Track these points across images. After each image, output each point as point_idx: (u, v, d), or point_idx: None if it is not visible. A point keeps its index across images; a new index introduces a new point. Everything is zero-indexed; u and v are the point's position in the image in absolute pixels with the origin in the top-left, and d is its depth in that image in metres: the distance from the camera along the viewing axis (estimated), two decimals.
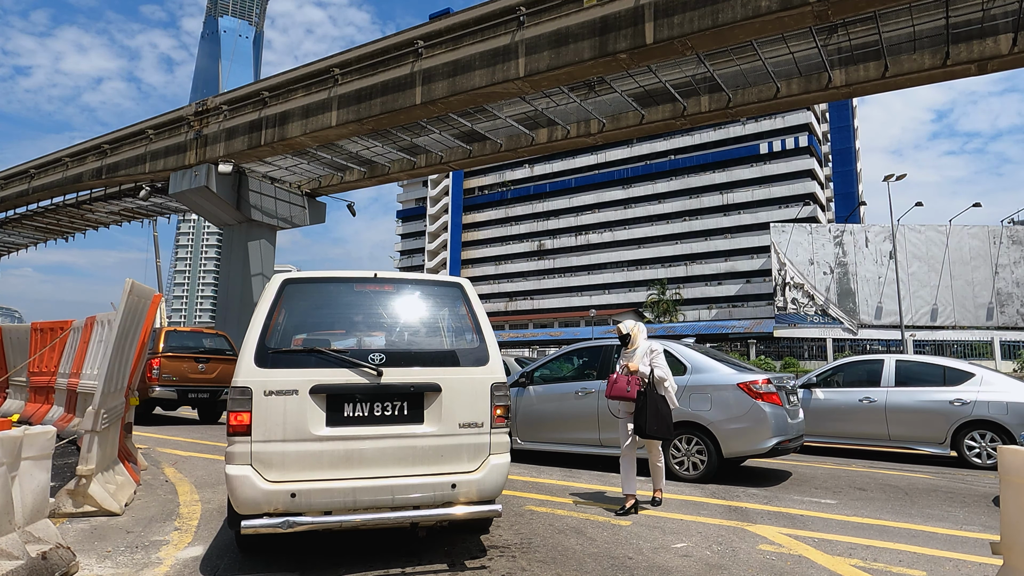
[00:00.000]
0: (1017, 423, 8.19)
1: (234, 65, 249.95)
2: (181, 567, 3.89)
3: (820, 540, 4.68)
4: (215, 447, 9.27)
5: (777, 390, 7.00)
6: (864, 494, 6.52)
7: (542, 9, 18.52)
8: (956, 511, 5.77)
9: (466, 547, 4.34)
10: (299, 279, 4.09)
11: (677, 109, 21.28)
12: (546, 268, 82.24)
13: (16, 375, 10.43)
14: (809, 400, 9.64)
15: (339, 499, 3.60)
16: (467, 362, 4.01)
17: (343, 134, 23.53)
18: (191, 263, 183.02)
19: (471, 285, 4.43)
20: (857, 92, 19.43)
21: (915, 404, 8.92)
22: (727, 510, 5.64)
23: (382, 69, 21.77)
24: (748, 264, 69.53)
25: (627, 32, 16.93)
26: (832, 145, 72.64)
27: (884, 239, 43.76)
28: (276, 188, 30.28)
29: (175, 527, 4.85)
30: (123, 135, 30.11)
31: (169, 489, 6.26)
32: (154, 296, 6.40)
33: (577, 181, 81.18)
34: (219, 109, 26.48)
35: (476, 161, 26.92)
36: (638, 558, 4.17)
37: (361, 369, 3.77)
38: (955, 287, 43.00)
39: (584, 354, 8.49)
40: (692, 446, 7.09)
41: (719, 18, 15.63)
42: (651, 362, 5.59)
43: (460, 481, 3.79)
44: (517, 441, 8.13)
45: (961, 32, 16.55)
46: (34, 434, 3.74)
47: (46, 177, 33.79)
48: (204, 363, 12.67)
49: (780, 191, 68.88)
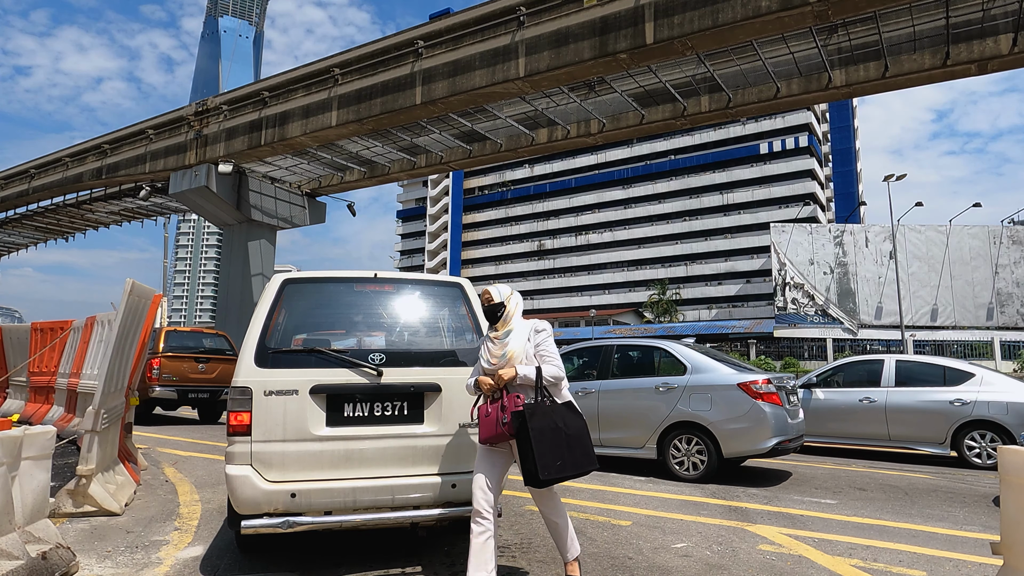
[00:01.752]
0: (1017, 423, 8.18)
1: (234, 65, 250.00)
2: (181, 567, 3.89)
3: (820, 540, 4.68)
4: (215, 447, 9.27)
5: (777, 390, 7.00)
6: (864, 494, 6.52)
7: (542, 9, 18.53)
8: (956, 511, 5.77)
9: (466, 547, 4.33)
10: (299, 279, 4.09)
11: (677, 109, 21.28)
12: (546, 268, 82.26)
13: (16, 375, 10.43)
14: (809, 400, 9.64)
15: (339, 499, 3.60)
16: (467, 362, 4.01)
17: (343, 134, 23.54)
18: (191, 263, 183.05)
19: (471, 285, 4.43)
20: (857, 92, 19.44)
21: (915, 404, 8.92)
22: (727, 510, 5.64)
23: (382, 69, 21.78)
24: (748, 264, 69.53)
25: (627, 32, 16.93)
26: (832, 145, 72.65)
27: (884, 239, 43.76)
28: (276, 188, 30.29)
29: (175, 527, 4.85)
30: (123, 135, 30.11)
31: (169, 489, 6.26)
32: (154, 296, 6.40)
33: (577, 181, 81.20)
34: (219, 109, 26.49)
35: (476, 161, 26.92)
36: (638, 558, 4.16)
37: (361, 369, 3.77)
38: (955, 287, 43.00)
39: (584, 354, 8.49)
40: (692, 446, 7.09)
41: (719, 18, 15.63)
42: (537, 353, 3.47)
43: (460, 481, 3.79)
44: None
45: (961, 32, 16.55)
46: (34, 434, 3.74)
47: (46, 177, 33.80)
48: (204, 363, 12.67)
49: (780, 191, 68.89)
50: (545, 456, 3.20)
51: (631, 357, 8.10)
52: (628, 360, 8.07)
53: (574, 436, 3.34)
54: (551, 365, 3.43)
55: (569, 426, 3.35)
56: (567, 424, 3.34)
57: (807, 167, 68.48)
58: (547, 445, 3.22)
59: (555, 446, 3.25)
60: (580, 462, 3.33)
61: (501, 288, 3.66)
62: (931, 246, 43.86)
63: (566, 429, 3.32)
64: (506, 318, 3.57)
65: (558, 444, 3.26)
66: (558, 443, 3.27)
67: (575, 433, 3.35)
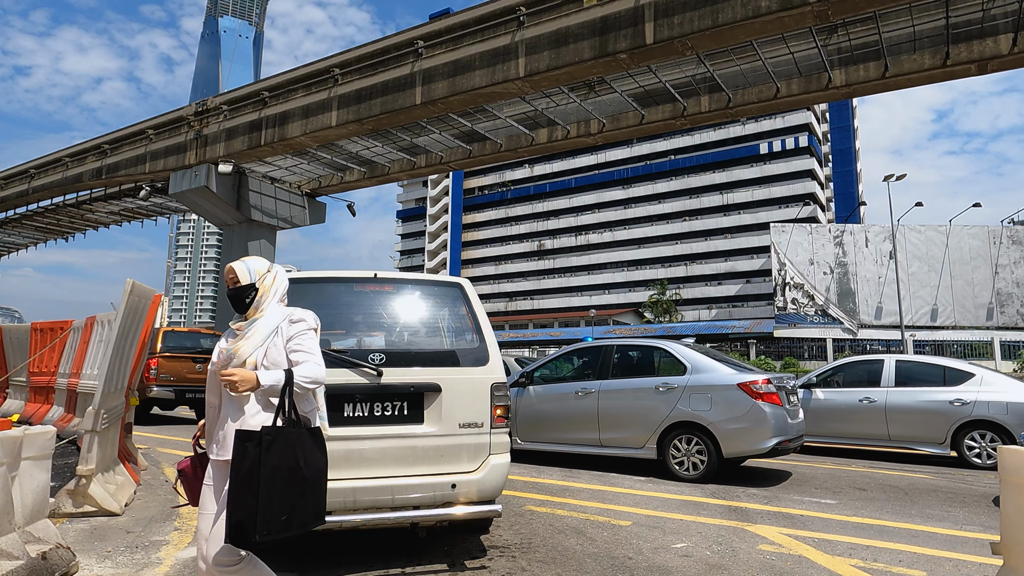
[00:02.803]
0: (1017, 423, 8.19)
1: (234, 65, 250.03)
2: (181, 567, 3.89)
3: (820, 540, 4.68)
4: None
5: (777, 390, 7.00)
6: (864, 494, 6.52)
7: (542, 9, 18.53)
8: (956, 511, 5.77)
9: (466, 547, 4.34)
10: (299, 279, 4.09)
11: (677, 109, 21.28)
12: (546, 268, 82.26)
13: (16, 375, 10.43)
14: (809, 400, 9.64)
15: (339, 499, 3.59)
16: (467, 362, 4.02)
17: (343, 134, 23.54)
18: (191, 263, 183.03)
19: (471, 285, 4.43)
20: (857, 92, 19.44)
21: (915, 404, 8.92)
22: (727, 510, 5.64)
23: (382, 69, 21.78)
24: (748, 264, 69.53)
25: (627, 32, 16.93)
26: (832, 145, 72.65)
27: (884, 239, 43.77)
28: (276, 188, 30.29)
29: (175, 527, 4.85)
30: (123, 135, 30.12)
31: (169, 489, 6.26)
32: (155, 296, 6.40)
33: (577, 181, 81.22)
34: (219, 109, 26.49)
35: (476, 161, 26.92)
36: (638, 558, 4.17)
37: (361, 369, 3.77)
38: (955, 287, 43.01)
39: (584, 354, 8.50)
40: (692, 446, 7.09)
41: (719, 18, 15.63)
42: (289, 350, 2.60)
43: (460, 481, 3.79)
44: (517, 441, 8.13)
45: (961, 32, 16.55)
46: (34, 434, 3.74)
47: (46, 177, 33.80)
48: (201, 363, 12.70)
49: (780, 191, 68.89)
50: (272, 506, 2.31)
51: (631, 357, 8.10)
52: (628, 360, 8.08)
53: (311, 481, 2.43)
54: (311, 364, 2.53)
55: (309, 465, 2.43)
56: (308, 463, 2.42)
57: (807, 167, 68.49)
58: (279, 491, 2.33)
59: (288, 493, 2.35)
60: (308, 518, 2.42)
61: (253, 263, 2.74)
62: (931, 246, 43.87)
63: (305, 470, 2.41)
64: (258, 304, 2.67)
65: (292, 491, 2.37)
66: (292, 489, 2.37)
67: (313, 476, 2.44)
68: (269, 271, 2.76)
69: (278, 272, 2.80)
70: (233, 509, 2.32)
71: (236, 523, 2.31)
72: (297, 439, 2.41)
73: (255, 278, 2.71)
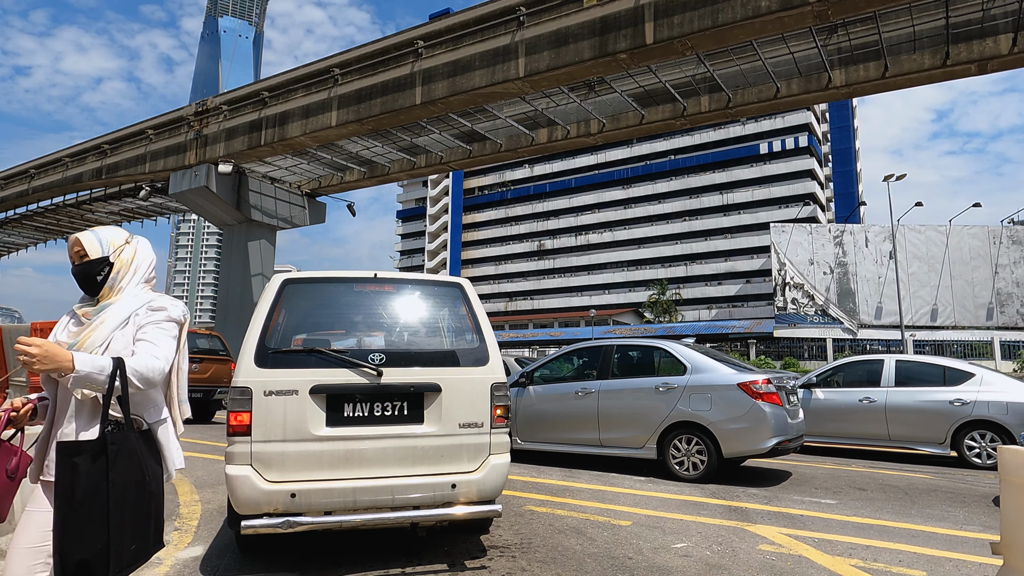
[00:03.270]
0: (1017, 423, 8.19)
1: (234, 65, 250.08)
2: (181, 567, 3.89)
3: (820, 540, 4.68)
4: (214, 447, 9.27)
5: (777, 390, 7.00)
6: (864, 494, 6.52)
7: (542, 9, 18.54)
8: (956, 511, 5.77)
9: (466, 547, 4.34)
10: (299, 279, 4.09)
11: (677, 109, 21.29)
12: (546, 268, 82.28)
13: (16, 375, 10.43)
14: (809, 400, 9.64)
15: (339, 499, 3.60)
16: (467, 362, 4.01)
17: (343, 134, 23.55)
18: (191, 263, 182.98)
19: (471, 285, 4.43)
20: (857, 92, 19.44)
21: (915, 404, 8.92)
22: (727, 510, 5.64)
23: (382, 69, 21.78)
24: (748, 264, 69.55)
25: (627, 32, 16.94)
26: (832, 145, 72.68)
27: (884, 239, 43.78)
28: (276, 188, 30.30)
29: (175, 527, 4.85)
30: (123, 135, 30.13)
31: (169, 489, 6.25)
32: None
33: (577, 181, 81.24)
34: (219, 109, 26.50)
35: (476, 161, 26.93)
36: (638, 558, 4.17)
37: (361, 369, 3.77)
38: (955, 287, 43.01)
39: (584, 354, 8.50)
40: (692, 446, 7.08)
41: (719, 18, 15.64)
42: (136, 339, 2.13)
43: (460, 481, 3.79)
44: (517, 441, 8.13)
45: (961, 32, 16.55)
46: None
47: (46, 177, 33.81)
48: (197, 363, 12.73)
49: (780, 191, 68.92)
50: (123, 535, 1.92)
51: (631, 357, 8.10)
52: (628, 360, 8.08)
53: (156, 496, 2.05)
54: (147, 356, 2.05)
55: (153, 479, 2.05)
56: (149, 475, 2.03)
57: (807, 167, 68.51)
58: (130, 514, 1.94)
59: (139, 515, 1.98)
60: (151, 543, 2.05)
61: (106, 233, 2.24)
62: (931, 246, 43.87)
63: (151, 484, 2.03)
64: (112, 283, 2.20)
65: (141, 511, 1.99)
66: (141, 509, 1.99)
67: (157, 491, 2.06)
68: (128, 243, 2.26)
69: (140, 246, 2.29)
70: (71, 547, 1.85)
71: (78, 564, 1.85)
72: (137, 446, 2.02)
73: (108, 251, 2.21)
